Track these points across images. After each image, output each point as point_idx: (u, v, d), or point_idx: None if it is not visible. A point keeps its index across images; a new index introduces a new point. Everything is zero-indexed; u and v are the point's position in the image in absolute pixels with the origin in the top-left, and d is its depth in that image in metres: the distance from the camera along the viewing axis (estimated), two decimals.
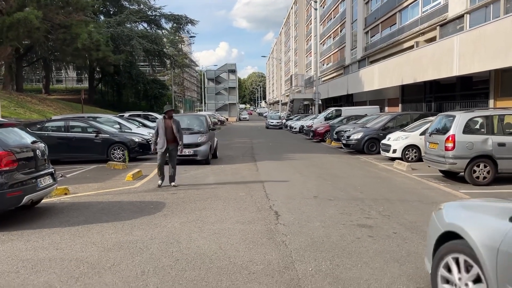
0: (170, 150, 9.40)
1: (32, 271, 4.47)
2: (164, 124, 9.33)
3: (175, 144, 9.45)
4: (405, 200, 8.01)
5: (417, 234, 5.73)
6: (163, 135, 9.27)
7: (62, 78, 67.65)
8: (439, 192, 8.96)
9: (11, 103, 22.42)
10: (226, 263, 4.68)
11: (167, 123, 9.37)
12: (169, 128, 9.35)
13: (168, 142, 9.32)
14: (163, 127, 9.30)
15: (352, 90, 33.04)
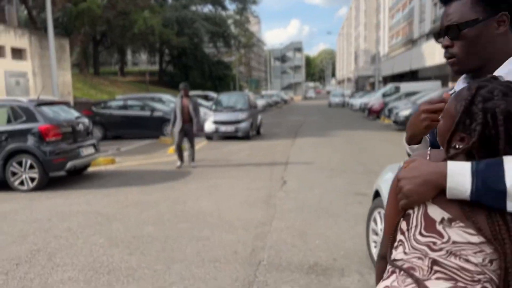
0: (187, 129, 9.12)
1: (61, 219, 5.59)
2: (180, 103, 9.07)
3: (191, 124, 9.19)
4: None
5: None
6: (180, 115, 9.04)
7: (138, 61, 71.95)
8: None
9: (85, 85, 24.86)
10: (215, 219, 5.45)
11: (183, 103, 9.10)
12: (185, 107, 9.09)
13: (185, 122, 9.07)
14: (179, 107, 9.05)
15: (415, 65, 31.83)
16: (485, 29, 1.28)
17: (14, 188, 7.33)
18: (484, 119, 1.08)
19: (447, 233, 1.08)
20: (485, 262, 1.05)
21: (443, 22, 1.32)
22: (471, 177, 1.05)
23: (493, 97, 1.10)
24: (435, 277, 1.07)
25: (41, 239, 4.84)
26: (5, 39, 14.59)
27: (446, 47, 1.33)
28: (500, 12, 1.27)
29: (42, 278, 3.81)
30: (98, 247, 4.54)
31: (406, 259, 1.13)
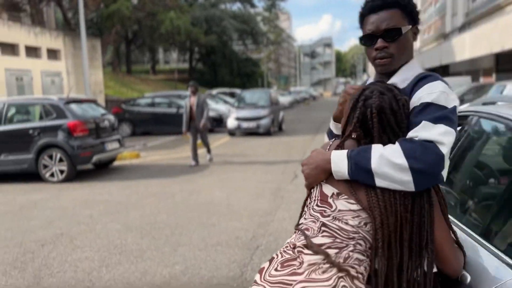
0: (197, 126, 9.10)
1: (84, 207, 6.10)
2: (190, 101, 9.13)
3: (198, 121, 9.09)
4: None
5: None
6: (189, 113, 9.09)
7: (169, 59, 73.45)
8: None
9: (117, 83, 25.84)
10: (224, 208, 5.82)
11: (192, 101, 9.11)
12: (194, 105, 9.07)
13: (193, 120, 9.10)
14: (188, 106, 9.09)
15: (445, 60, 31.19)
16: (409, 35, 1.54)
17: (45, 180, 7.96)
18: (362, 113, 1.38)
19: (335, 204, 1.39)
20: (361, 224, 1.35)
21: (380, 26, 1.52)
22: (347, 161, 1.35)
23: (372, 96, 1.40)
24: (321, 235, 1.38)
25: (65, 224, 5.35)
26: (41, 40, 15.49)
27: (382, 48, 1.53)
28: (415, 24, 1.55)
29: (63, 257, 4.29)
30: (114, 232, 5.00)
31: (305, 222, 1.45)
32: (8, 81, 13.69)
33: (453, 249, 1.41)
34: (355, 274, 1.29)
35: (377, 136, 1.38)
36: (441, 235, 1.39)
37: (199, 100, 9.07)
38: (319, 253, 1.32)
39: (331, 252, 1.35)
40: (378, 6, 1.52)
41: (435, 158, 1.29)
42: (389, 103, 1.39)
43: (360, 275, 1.31)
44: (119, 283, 3.66)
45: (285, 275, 1.30)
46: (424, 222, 1.36)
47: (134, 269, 3.93)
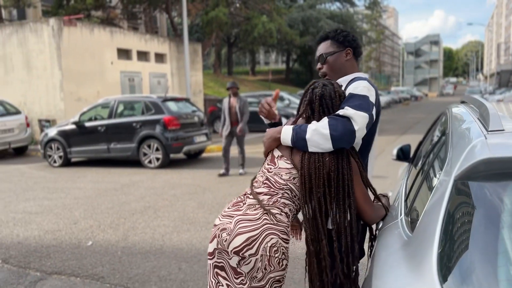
0: (236, 132, 8.30)
1: (171, 188, 7.25)
2: (228, 103, 8.29)
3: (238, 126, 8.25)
4: None
5: None
6: (228, 116, 8.27)
7: (269, 60, 75.71)
8: None
9: (216, 84, 27.81)
10: None
11: (231, 103, 8.28)
12: (233, 108, 8.26)
13: (233, 124, 8.28)
14: (227, 107, 8.28)
15: None
16: (338, 57, 2.21)
17: (144, 165, 9.37)
18: (309, 98, 1.99)
19: (278, 163, 2.01)
20: (290, 179, 1.95)
21: (317, 54, 2.26)
22: (291, 133, 1.96)
23: (317, 87, 2.00)
24: (263, 186, 2.01)
25: (153, 200, 6.49)
26: (150, 45, 17.57)
27: (319, 69, 2.26)
28: (346, 48, 2.18)
29: (146, 223, 5.34)
30: (189, 208, 5.97)
31: (257, 177, 2.08)
32: (122, 82, 15.86)
33: (368, 203, 1.94)
34: (276, 212, 1.90)
35: (317, 115, 1.96)
36: (358, 191, 1.93)
37: (240, 103, 8.22)
38: (255, 197, 1.95)
39: (265, 197, 1.98)
40: (318, 40, 2.29)
41: (348, 130, 1.87)
42: (329, 93, 1.98)
43: (284, 214, 1.92)
44: (184, 244, 4.55)
45: (232, 211, 1.96)
46: (344, 178, 1.91)
47: (198, 236, 4.81)
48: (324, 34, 2.26)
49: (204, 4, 20.21)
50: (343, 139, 1.87)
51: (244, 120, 8.29)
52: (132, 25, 30.27)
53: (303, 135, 1.91)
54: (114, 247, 4.54)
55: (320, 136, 1.87)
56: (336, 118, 1.90)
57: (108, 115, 9.77)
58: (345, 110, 1.91)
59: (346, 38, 2.20)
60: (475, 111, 1.94)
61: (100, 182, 8.05)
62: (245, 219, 1.89)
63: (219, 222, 1.97)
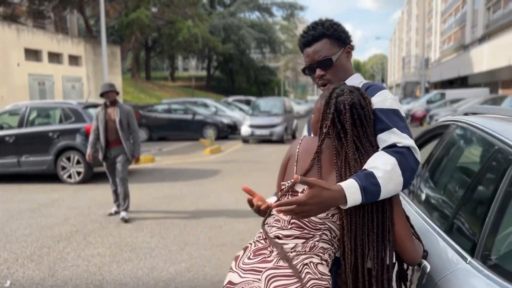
0: (114, 156, 5.74)
1: (99, 207, 6.39)
2: (104, 115, 5.69)
3: (121, 147, 5.70)
4: None
5: None
6: (103, 133, 5.67)
7: (188, 66, 74.51)
8: None
9: (135, 89, 26.45)
10: (232, 211, 6.01)
11: (108, 114, 5.70)
12: (111, 121, 5.68)
13: (111, 145, 5.72)
14: (102, 120, 5.67)
15: (463, 72, 30.95)
16: (343, 57, 1.77)
17: (63, 181, 8.29)
18: (335, 108, 1.56)
19: None
20: (328, 216, 1.52)
21: (314, 58, 1.75)
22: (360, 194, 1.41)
23: (343, 94, 1.58)
24: (290, 226, 1.55)
25: (80, 222, 5.63)
26: (63, 46, 16.06)
27: (321, 76, 1.76)
28: (346, 45, 1.77)
29: (76, 252, 4.54)
30: (126, 230, 5.24)
31: (276, 214, 1.61)
32: (31, 85, 14.22)
33: (411, 241, 1.56)
34: (317, 261, 1.46)
35: (350, 129, 1.53)
36: (401, 229, 1.54)
37: (122, 114, 5.69)
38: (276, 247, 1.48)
39: (299, 242, 1.53)
40: (309, 40, 1.74)
41: (416, 167, 1.48)
42: (358, 100, 1.57)
43: (324, 262, 1.48)
44: (128, 278, 3.88)
45: (256, 262, 1.47)
46: (384, 209, 1.52)
47: (142, 265, 4.15)
48: (317, 32, 1.74)
49: (123, 5, 19.04)
50: (410, 181, 1.48)
51: (137, 140, 5.87)
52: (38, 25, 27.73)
53: (377, 193, 1.42)
54: (40, 286, 3.72)
55: (394, 184, 1.43)
56: (401, 152, 1.47)
57: (18, 124, 8.52)
58: (406, 140, 1.49)
59: (344, 33, 1.77)
60: None
61: (10, 201, 6.91)
62: (280, 275, 1.42)
63: (239, 279, 1.47)
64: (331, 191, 1.39)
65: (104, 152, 5.74)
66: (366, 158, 1.51)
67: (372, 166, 1.44)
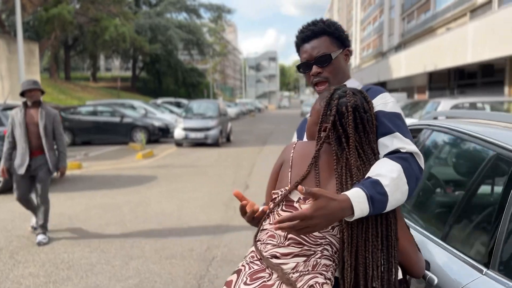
0: (35, 168, 4.88)
1: (23, 220, 5.73)
2: (23, 117, 4.82)
3: (43, 157, 4.89)
4: None
5: None
6: (23, 137, 4.79)
7: (111, 67, 71.30)
8: None
9: (54, 90, 24.63)
10: (175, 220, 5.72)
11: (29, 116, 4.86)
12: (32, 125, 4.85)
13: (33, 154, 4.86)
14: (22, 124, 4.79)
15: (383, 77, 32.92)
16: (341, 58, 1.69)
17: None
18: (337, 111, 1.44)
19: (301, 208, 1.41)
20: (329, 229, 1.38)
21: (312, 54, 1.65)
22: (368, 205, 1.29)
23: (346, 95, 1.46)
24: (288, 243, 1.39)
25: (3, 238, 5.00)
26: None
27: (317, 73, 1.66)
28: (345, 47, 1.69)
29: (3, 273, 3.99)
30: (60, 246, 4.74)
31: (269, 228, 1.45)
32: None
33: (416, 254, 1.49)
34: (322, 281, 1.32)
35: (352, 134, 1.41)
36: (407, 243, 1.46)
37: (47, 117, 4.89)
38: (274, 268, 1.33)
39: (299, 260, 1.37)
40: (309, 36, 1.66)
41: (420, 175, 1.40)
42: (362, 103, 1.46)
43: (328, 281, 1.34)
44: None
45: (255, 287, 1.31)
46: (390, 231, 1.41)
47: (84, 284, 3.75)
48: (318, 28, 1.66)
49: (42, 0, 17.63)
50: (415, 189, 1.39)
51: (62, 149, 5.00)
52: None
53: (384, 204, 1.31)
54: None
55: (400, 193, 1.34)
56: (405, 159, 1.38)
57: None
58: (409, 146, 1.41)
59: (344, 34, 1.70)
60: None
61: None
62: None
63: None
64: (338, 201, 1.26)
65: (28, 163, 4.80)
66: (368, 166, 1.40)
67: (377, 173, 1.34)
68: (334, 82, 1.68)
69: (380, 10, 48.99)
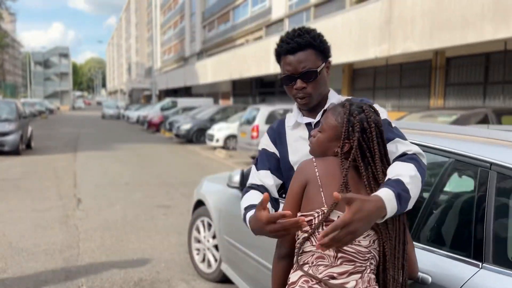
0: None
1: None
2: None
3: None
4: None
5: None
6: None
7: None
8: None
9: None
10: (6, 248, 4.66)
11: None
12: None
13: None
14: None
15: (189, 82, 33.85)
16: (324, 71, 1.70)
17: None
18: (361, 127, 1.43)
19: None
20: (370, 243, 1.40)
21: (297, 68, 1.62)
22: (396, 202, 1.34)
23: (364, 111, 1.47)
24: (339, 262, 1.36)
25: None
26: None
27: (302, 88, 1.64)
28: (327, 59, 1.71)
29: None
30: None
31: (315, 250, 1.38)
32: None
33: (415, 254, 1.61)
34: None
35: (377, 149, 1.44)
36: (410, 243, 1.57)
37: None
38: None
39: (356, 277, 1.35)
40: (294, 48, 1.63)
41: (425, 171, 1.52)
42: (376, 118, 1.50)
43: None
44: None
45: None
46: (406, 235, 1.51)
47: None
48: (304, 41, 1.62)
49: None
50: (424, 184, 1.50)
51: None
52: None
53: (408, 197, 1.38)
54: None
55: (417, 190, 1.43)
56: (415, 159, 1.50)
57: None
58: (413, 147, 1.55)
59: (327, 46, 1.71)
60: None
61: None
62: None
63: None
64: (372, 202, 1.29)
65: None
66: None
67: (396, 173, 1.41)
68: (315, 96, 1.68)
69: (181, 16, 50.23)
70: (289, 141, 1.75)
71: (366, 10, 11.85)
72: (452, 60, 11.53)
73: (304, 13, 22.27)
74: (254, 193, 1.67)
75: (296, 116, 1.76)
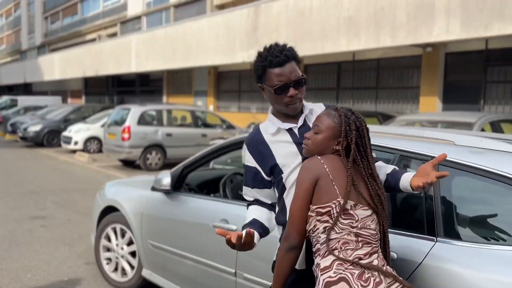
0: None
1: None
2: None
3: None
4: (82, 189, 8.19)
5: (91, 218, 6.04)
6: None
7: None
8: (117, 179, 9.57)
9: None
10: None
11: None
12: None
13: None
14: None
15: (30, 78, 30.23)
16: None
17: None
18: (356, 128, 1.68)
19: (356, 214, 1.59)
20: (376, 225, 1.64)
21: (290, 78, 1.83)
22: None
23: (353, 113, 1.72)
24: (360, 245, 1.58)
25: None
26: None
27: (295, 95, 1.84)
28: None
29: None
30: None
31: (340, 236, 1.56)
32: None
33: None
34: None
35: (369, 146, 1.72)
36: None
37: None
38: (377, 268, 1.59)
39: (375, 257, 1.58)
40: (284, 61, 1.85)
41: None
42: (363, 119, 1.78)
43: None
44: None
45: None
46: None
47: None
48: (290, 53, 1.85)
49: None
50: None
51: None
52: None
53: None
54: None
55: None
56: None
57: None
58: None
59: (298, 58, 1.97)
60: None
61: None
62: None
63: None
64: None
65: None
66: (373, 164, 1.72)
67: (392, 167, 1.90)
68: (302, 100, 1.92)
69: (16, 3, 44.44)
70: (273, 147, 1.90)
71: (233, 16, 12.36)
72: (309, 67, 12.83)
73: (163, 12, 21.98)
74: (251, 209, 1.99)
75: (277, 123, 1.91)
